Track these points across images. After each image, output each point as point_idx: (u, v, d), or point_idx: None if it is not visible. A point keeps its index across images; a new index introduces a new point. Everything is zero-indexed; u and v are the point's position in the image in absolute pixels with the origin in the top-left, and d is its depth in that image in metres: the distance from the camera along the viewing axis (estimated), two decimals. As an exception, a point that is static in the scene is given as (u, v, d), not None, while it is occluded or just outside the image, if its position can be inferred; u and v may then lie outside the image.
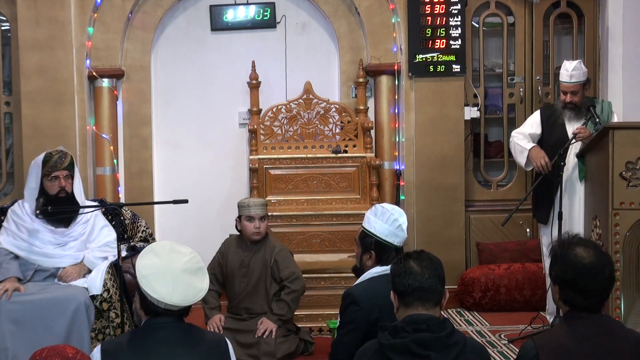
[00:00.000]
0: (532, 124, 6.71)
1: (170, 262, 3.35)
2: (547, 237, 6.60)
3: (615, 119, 6.54)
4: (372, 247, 4.30)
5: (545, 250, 6.60)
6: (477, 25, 7.78)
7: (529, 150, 6.51)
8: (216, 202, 7.90)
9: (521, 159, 6.61)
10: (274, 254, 6.14)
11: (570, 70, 6.43)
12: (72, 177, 5.77)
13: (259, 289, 6.19)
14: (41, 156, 5.76)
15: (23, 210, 5.71)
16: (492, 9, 7.75)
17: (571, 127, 6.47)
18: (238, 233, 6.30)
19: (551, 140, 6.56)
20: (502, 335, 6.58)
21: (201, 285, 3.37)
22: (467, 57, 7.61)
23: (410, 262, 3.27)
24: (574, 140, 6.30)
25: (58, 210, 5.57)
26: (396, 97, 7.68)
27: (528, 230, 7.70)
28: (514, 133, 6.76)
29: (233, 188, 7.90)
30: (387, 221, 4.28)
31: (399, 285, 3.25)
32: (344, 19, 7.78)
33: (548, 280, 6.57)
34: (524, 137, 6.63)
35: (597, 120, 6.28)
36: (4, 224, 5.78)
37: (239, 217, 6.18)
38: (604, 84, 7.66)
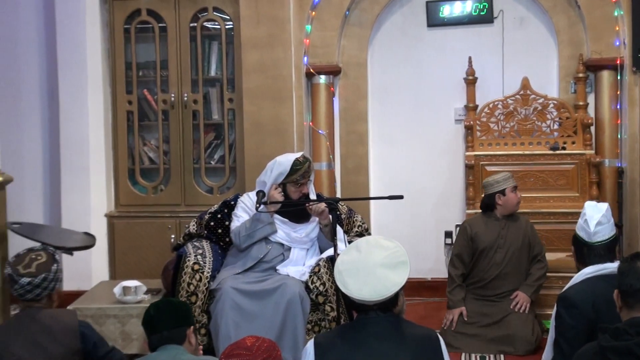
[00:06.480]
0: None
1: (368, 256, 3.38)
2: None
3: None
4: (573, 242, 4.28)
5: None
6: None
7: None
8: (431, 198, 7.91)
9: None
10: (529, 224, 6.35)
11: None
12: None
13: (516, 265, 6.31)
14: (288, 160, 5.84)
15: (253, 202, 5.90)
16: None
17: None
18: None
19: None
20: None
21: (397, 279, 3.34)
22: (698, 50, 7.23)
23: (638, 262, 3.16)
24: None
25: (274, 202, 5.74)
26: (618, 92, 7.40)
27: None
28: None
29: (448, 184, 7.90)
30: (581, 215, 4.23)
31: (622, 284, 3.19)
32: (563, 13, 7.58)
33: None
34: None
35: None
36: (235, 211, 6.03)
37: (501, 191, 6.33)
38: None
